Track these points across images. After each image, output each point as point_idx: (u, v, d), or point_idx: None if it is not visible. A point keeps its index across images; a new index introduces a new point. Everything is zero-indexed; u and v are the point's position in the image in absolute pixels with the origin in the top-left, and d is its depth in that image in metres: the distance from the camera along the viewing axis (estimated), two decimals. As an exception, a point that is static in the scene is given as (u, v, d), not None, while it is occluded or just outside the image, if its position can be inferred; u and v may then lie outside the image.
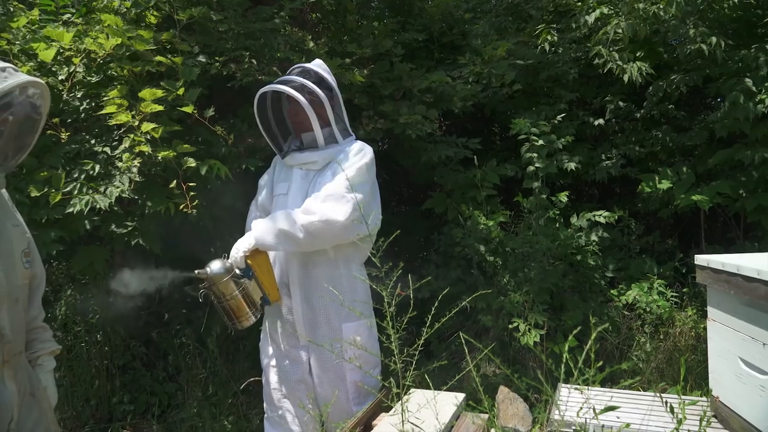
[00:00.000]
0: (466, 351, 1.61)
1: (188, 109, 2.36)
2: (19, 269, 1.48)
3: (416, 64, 3.55)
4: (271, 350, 2.17)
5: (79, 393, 2.90)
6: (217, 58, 2.68)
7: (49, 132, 2.24)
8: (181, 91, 2.36)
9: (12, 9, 2.41)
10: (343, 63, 2.97)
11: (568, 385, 1.87)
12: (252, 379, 2.06)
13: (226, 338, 3.26)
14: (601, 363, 1.28)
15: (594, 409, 1.33)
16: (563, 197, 3.28)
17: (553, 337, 3.05)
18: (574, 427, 1.67)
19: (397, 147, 3.73)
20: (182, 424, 2.84)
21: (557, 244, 3.22)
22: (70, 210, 2.18)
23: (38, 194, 2.16)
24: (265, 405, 2.23)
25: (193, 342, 3.14)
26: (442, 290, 3.07)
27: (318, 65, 2.20)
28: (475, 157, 3.39)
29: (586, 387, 1.27)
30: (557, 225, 3.34)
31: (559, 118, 3.47)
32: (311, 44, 3.05)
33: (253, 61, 2.70)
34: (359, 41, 3.32)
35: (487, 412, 1.45)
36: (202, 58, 2.63)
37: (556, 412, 1.85)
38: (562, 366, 1.24)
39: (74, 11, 2.63)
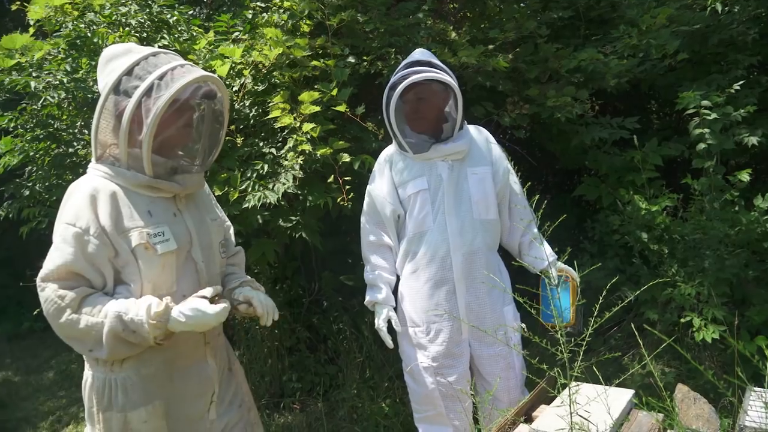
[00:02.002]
0: (641, 344, 1.51)
1: (341, 108, 2.51)
2: (217, 259, 1.67)
3: (562, 44, 3.36)
4: (425, 352, 2.10)
5: (256, 370, 3.25)
6: (364, 58, 2.81)
7: (227, 138, 2.54)
8: (335, 92, 2.51)
9: (194, 33, 2.77)
10: (486, 50, 2.93)
11: (754, 389, 1.64)
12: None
13: (379, 326, 3.42)
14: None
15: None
16: (744, 176, 2.87)
17: (735, 334, 2.70)
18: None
19: (544, 132, 3.59)
20: (344, 403, 3.05)
21: (737, 230, 2.84)
22: (246, 206, 2.45)
23: (220, 193, 2.46)
24: (415, 406, 2.21)
25: (349, 328, 3.34)
26: (599, 281, 2.90)
27: (429, 54, 2.12)
28: (634, 137, 3.12)
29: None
30: (737, 208, 2.94)
31: (736, 86, 3.04)
32: (453, 35, 3.05)
33: (399, 57, 2.77)
34: (501, 26, 3.25)
35: (670, 411, 1.34)
36: (351, 59, 2.78)
37: (749, 417, 1.64)
38: None
39: (241, 29, 2.93)
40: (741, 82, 3.10)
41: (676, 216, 3.06)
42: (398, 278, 2.20)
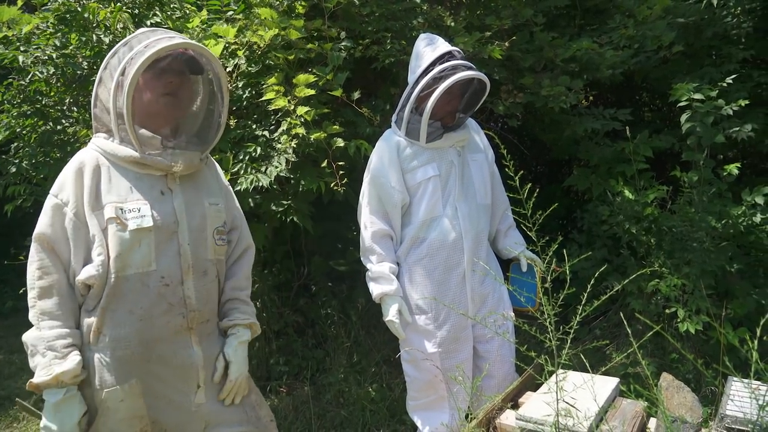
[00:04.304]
0: (630, 333, 1.53)
1: (337, 93, 2.49)
2: (210, 245, 1.61)
3: (557, 33, 3.36)
4: (433, 339, 2.10)
5: (243, 353, 3.25)
6: (360, 41, 2.78)
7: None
8: (330, 76, 2.49)
9: (187, 11, 2.71)
10: (482, 37, 2.91)
11: (743, 380, 1.68)
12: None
13: (368, 311, 3.43)
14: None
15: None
16: (734, 169, 2.90)
17: (720, 326, 2.75)
18: (752, 425, 1.51)
19: (536, 122, 3.59)
20: (330, 387, 3.06)
21: (724, 223, 2.88)
22: (238, 188, 2.42)
23: (212, 175, 2.43)
24: (413, 394, 2.21)
25: (337, 313, 3.35)
26: (585, 270, 2.93)
27: (449, 46, 2.11)
28: (626, 128, 3.14)
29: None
30: (725, 202, 2.98)
31: (728, 80, 3.06)
32: (449, 21, 3.02)
33: (395, 42, 2.75)
34: (497, 13, 3.22)
35: (655, 399, 1.36)
36: (347, 43, 2.74)
37: (730, 405, 1.68)
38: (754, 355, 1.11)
39: (235, 8, 2.87)
40: (734, 76, 3.12)
41: (664, 208, 3.09)
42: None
